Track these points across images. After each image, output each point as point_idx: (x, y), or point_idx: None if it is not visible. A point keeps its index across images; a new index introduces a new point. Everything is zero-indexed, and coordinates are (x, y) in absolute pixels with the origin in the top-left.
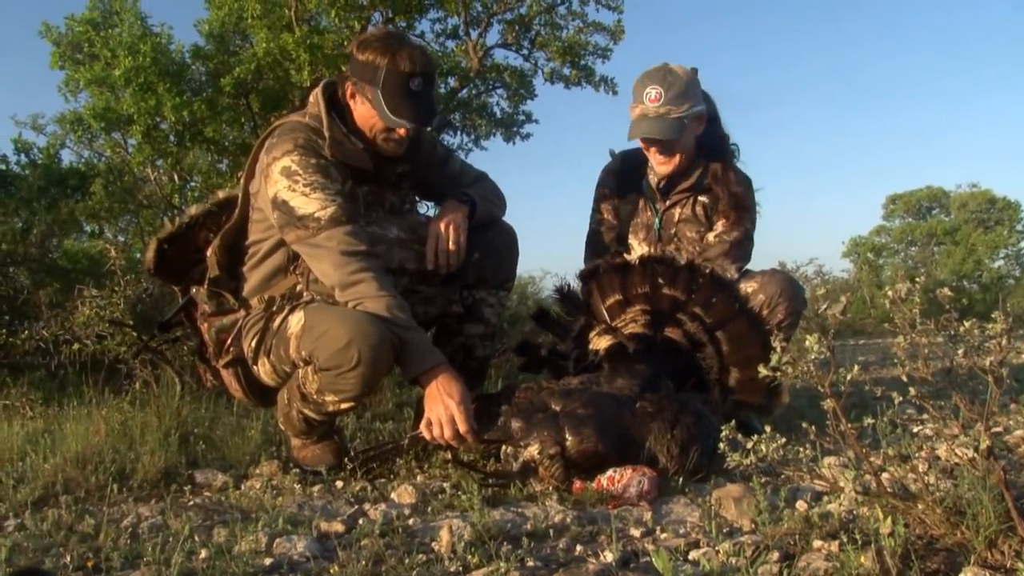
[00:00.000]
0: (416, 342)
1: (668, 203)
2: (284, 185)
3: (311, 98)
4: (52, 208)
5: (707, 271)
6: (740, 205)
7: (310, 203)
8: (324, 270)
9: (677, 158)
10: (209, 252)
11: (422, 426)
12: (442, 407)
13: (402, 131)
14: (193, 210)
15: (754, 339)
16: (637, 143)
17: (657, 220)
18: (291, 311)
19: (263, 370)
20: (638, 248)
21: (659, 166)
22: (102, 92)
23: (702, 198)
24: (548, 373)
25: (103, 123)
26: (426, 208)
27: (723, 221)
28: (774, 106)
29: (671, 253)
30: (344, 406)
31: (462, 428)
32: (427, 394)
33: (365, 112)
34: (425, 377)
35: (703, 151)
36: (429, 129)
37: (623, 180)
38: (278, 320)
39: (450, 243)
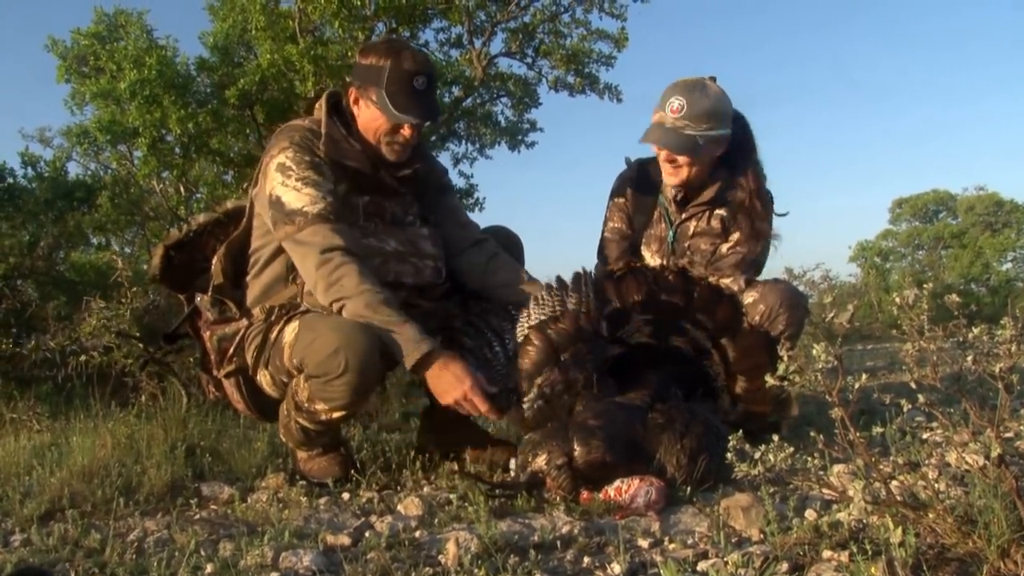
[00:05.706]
0: (403, 334)
1: (684, 216)
2: (278, 181)
3: (316, 106)
4: (59, 221)
5: (702, 278)
6: (759, 220)
7: (300, 198)
8: (307, 269)
9: (684, 172)
10: (215, 259)
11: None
12: (459, 392)
13: (407, 130)
14: (201, 218)
15: (760, 347)
16: (654, 152)
17: (671, 233)
18: (287, 321)
19: (264, 380)
20: (650, 260)
21: (667, 176)
22: (108, 105)
23: (719, 211)
24: None
25: (109, 136)
26: None
27: (738, 233)
28: (777, 108)
29: (662, 264)
30: (336, 415)
31: (482, 408)
32: (432, 383)
33: (369, 115)
34: (422, 366)
35: (727, 166)
36: (433, 138)
37: (639, 189)
38: (276, 330)
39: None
